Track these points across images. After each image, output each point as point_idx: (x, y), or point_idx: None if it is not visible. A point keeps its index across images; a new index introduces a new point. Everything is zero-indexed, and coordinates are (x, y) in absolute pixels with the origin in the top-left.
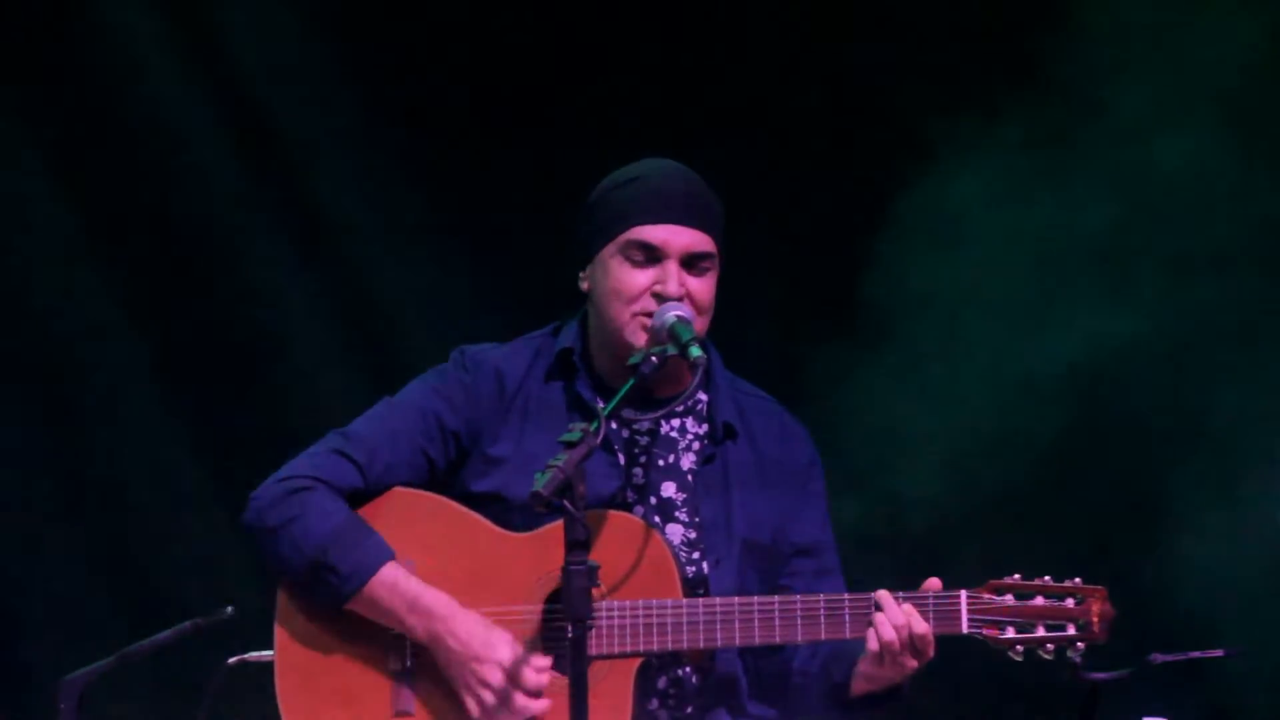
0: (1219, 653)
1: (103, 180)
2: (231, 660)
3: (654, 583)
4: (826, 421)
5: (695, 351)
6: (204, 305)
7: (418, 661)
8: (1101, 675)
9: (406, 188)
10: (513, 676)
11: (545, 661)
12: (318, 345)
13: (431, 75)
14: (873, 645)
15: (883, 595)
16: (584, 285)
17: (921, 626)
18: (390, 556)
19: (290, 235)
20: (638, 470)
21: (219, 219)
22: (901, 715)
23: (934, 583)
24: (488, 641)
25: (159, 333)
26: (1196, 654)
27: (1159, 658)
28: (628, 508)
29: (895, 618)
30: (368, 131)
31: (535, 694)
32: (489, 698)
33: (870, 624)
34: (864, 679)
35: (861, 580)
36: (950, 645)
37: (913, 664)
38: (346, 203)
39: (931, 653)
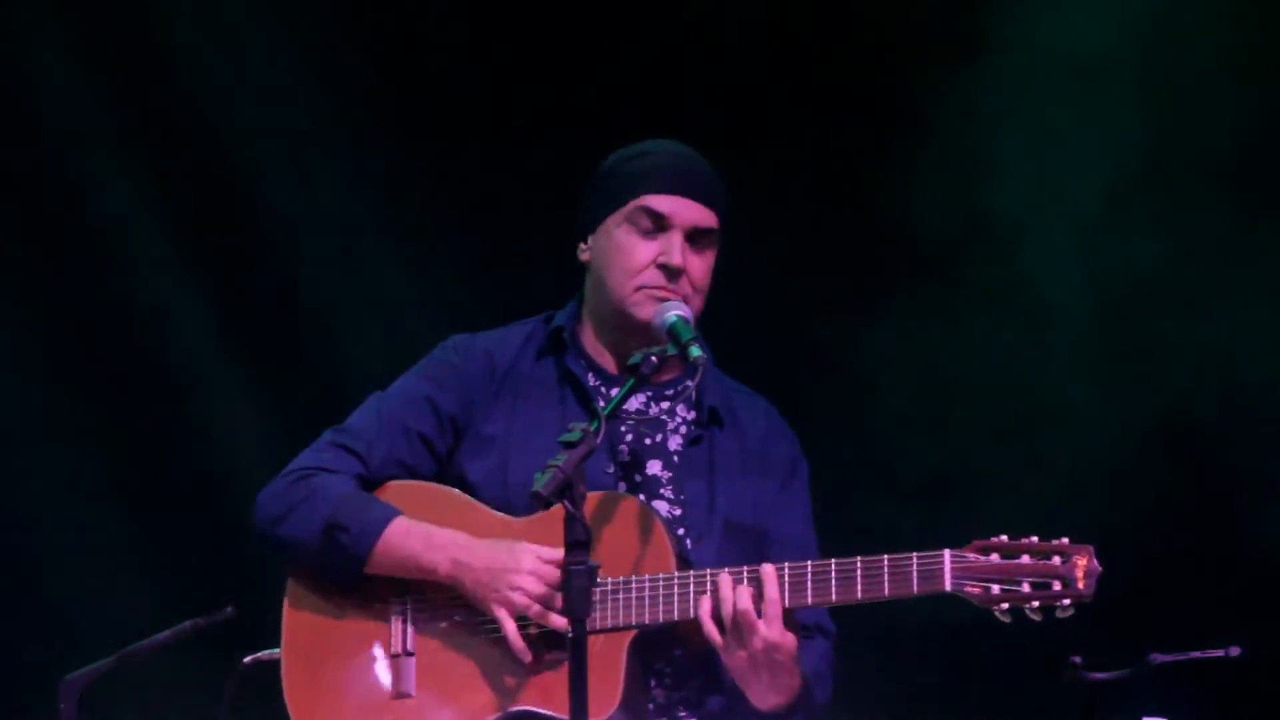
0: (1219, 652)
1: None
2: (247, 659)
3: (649, 559)
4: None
5: (695, 352)
6: (209, 305)
7: (416, 644)
8: (1101, 675)
9: (404, 187)
10: (542, 577)
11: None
12: (315, 346)
13: (425, 72)
14: (712, 633)
15: (722, 577)
16: (584, 255)
17: (744, 603)
18: (398, 513)
19: (289, 235)
20: (623, 448)
21: (229, 216)
22: (901, 717)
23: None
24: (511, 551)
25: (158, 333)
26: (1196, 654)
27: (1159, 658)
28: (612, 483)
29: (724, 604)
30: (364, 130)
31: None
32: (526, 600)
33: (850, 585)
34: (751, 692)
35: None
36: (949, 646)
37: (742, 654)
38: (342, 202)
39: (758, 633)
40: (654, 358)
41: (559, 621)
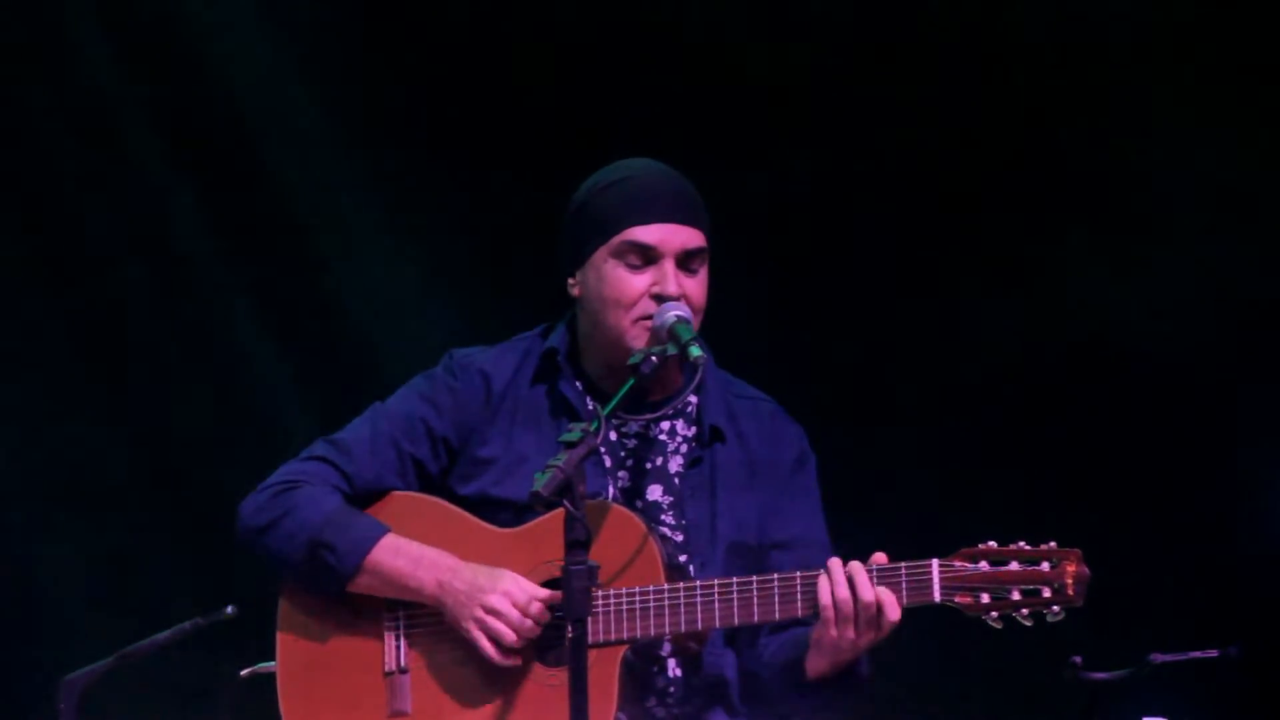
0: (1219, 652)
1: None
2: (244, 672)
3: (636, 570)
4: None
5: (695, 351)
6: (213, 301)
7: (411, 661)
8: (1101, 675)
9: (403, 191)
10: (518, 603)
11: (545, 592)
12: (312, 347)
13: (425, 79)
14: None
15: (833, 563)
16: (574, 290)
17: (868, 594)
18: (386, 530)
19: (289, 233)
20: (624, 474)
21: (239, 216)
22: (901, 716)
23: (879, 557)
24: (492, 575)
25: (157, 334)
26: (1197, 654)
27: (1159, 658)
28: None
29: (838, 588)
30: (363, 132)
31: (538, 618)
32: (498, 624)
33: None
34: (816, 652)
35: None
36: (949, 645)
37: (851, 636)
38: (342, 203)
39: (887, 626)
40: (654, 358)
41: (512, 640)
